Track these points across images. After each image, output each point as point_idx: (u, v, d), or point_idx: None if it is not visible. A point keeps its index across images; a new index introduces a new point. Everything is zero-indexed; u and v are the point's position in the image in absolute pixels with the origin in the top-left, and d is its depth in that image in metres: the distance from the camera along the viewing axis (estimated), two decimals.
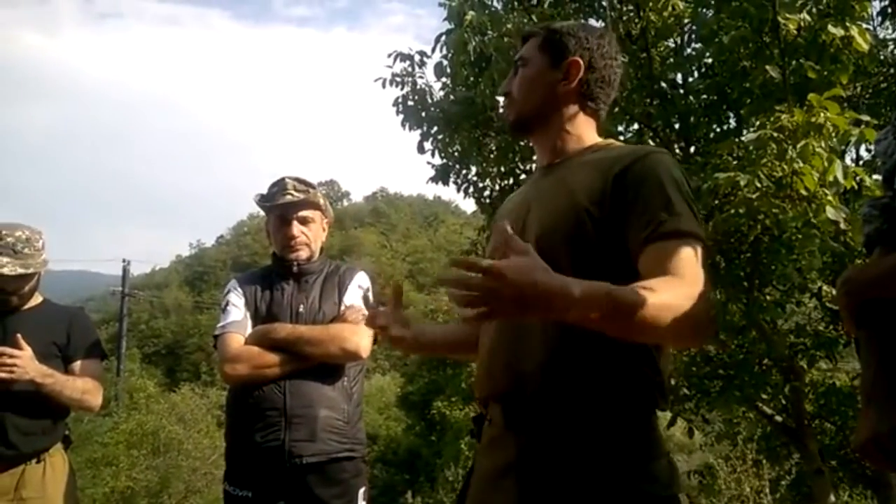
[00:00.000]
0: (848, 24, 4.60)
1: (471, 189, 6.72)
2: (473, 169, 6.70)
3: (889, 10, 5.95)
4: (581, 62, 1.48)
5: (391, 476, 21.03)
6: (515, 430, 1.35)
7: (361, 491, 2.28)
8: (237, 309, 2.33)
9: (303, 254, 2.40)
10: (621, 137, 5.84)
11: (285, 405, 2.20)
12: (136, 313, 40.91)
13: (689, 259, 1.24)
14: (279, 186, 2.42)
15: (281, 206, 2.39)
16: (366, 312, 2.31)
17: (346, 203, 70.93)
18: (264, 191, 2.48)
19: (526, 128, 1.54)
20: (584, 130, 1.50)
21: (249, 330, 2.30)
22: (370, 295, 2.41)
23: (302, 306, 2.32)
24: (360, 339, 2.26)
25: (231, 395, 2.36)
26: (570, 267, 1.22)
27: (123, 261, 19.77)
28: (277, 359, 2.22)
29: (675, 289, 1.19)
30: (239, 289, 2.38)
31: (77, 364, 2.60)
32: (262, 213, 2.54)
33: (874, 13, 5.95)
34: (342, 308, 2.33)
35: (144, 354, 40.01)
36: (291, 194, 2.38)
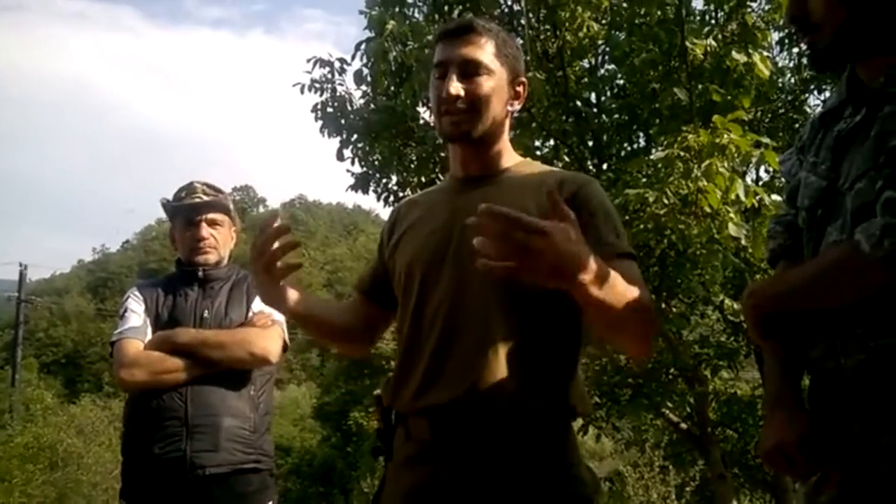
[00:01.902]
0: (751, 51, 4.87)
1: (391, 198, 6.69)
2: (394, 178, 6.68)
3: (786, 40, 6.34)
4: (526, 84, 1.49)
5: (305, 489, 20.63)
6: (444, 444, 1.32)
7: None
8: (136, 315, 2.22)
9: (211, 257, 2.30)
10: (538, 153, 5.96)
11: (186, 414, 2.09)
12: (33, 320, 38.70)
13: (640, 277, 1.34)
14: (187, 189, 2.33)
15: (188, 206, 2.30)
16: (275, 318, 2.25)
17: (262, 209, 69.13)
18: (171, 196, 2.38)
19: (480, 142, 1.44)
20: (509, 147, 1.51)
21: (149, 336, 2.19)
22: None
23: (207, 312, 2.22)
24: (269, 343, 2.18)
25: (128, 404, 2.24)
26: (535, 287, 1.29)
27: (20, 265, 18.73)
28: (180, 364, 2.10)
29: (644, 292, 1.27)
30: (139, 295, 2.27)
31: None
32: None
33: (773, 42, 6.32)
34: (251, 314, 2.25)
35: (42, 364, 37.92)
36: (200, 197, 2.30)
